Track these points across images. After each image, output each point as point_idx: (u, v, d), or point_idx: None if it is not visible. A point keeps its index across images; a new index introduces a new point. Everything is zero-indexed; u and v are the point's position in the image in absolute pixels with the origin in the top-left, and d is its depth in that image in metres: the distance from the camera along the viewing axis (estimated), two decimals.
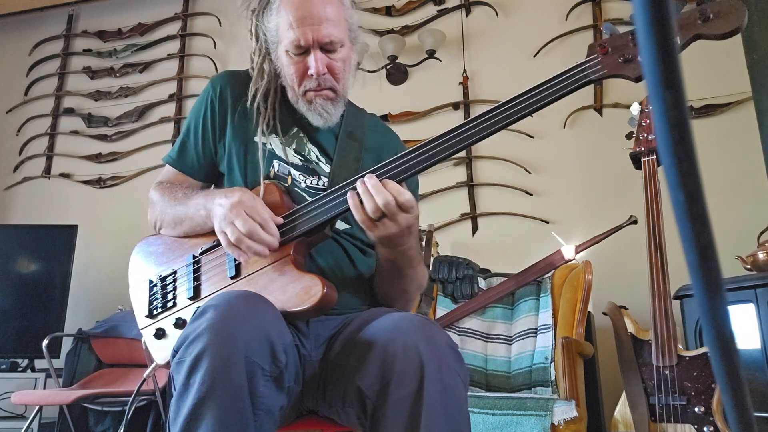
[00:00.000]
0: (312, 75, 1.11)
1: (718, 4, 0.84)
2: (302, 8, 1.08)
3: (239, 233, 0.99)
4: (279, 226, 1.04)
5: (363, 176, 1.00)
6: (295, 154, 1.18)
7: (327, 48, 1.11)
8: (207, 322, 0.82)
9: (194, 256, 1.12)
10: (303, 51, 1.10)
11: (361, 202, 0.98)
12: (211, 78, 1.26)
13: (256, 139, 1.16)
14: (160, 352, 1.09)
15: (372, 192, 0.96)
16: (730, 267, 2.37)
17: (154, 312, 1.12)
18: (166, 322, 1.10)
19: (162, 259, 1.17)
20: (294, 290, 0.99)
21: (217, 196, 1.06)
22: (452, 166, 3.31)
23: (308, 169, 1.17)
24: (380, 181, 0.98)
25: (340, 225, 1.15)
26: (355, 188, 1.00)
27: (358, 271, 1.16)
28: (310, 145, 1.20)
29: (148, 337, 1.12)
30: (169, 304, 1.11)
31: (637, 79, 0.89)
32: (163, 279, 1.14)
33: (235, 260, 1.07)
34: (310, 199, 1.11)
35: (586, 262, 2.20)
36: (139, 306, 1.16)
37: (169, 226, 1.16)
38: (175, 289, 1.12)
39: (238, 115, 1.19)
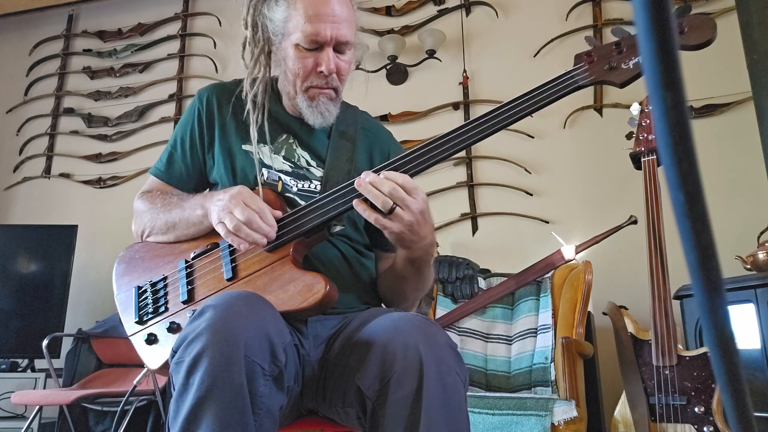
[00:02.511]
0: (322, 72, 1.11)
1: (692, 18, 0.91)
2: (323, 5, 1.08)
3: (238, 221, 0.99)
4: (279, 225, 1.04)
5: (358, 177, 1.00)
6: (285, 161, 1.18)
7: (340, 48, 1.11)
8: (206, 322, 0.82)
9: (186, 261, 1.12)
10: (316, 47, 1.10)
11: (367, 202, 0.97)
12: (198, 90, 1.26)
13: (245, 147, 1.17)
14: (153, 357, 1.08)
15: (375, 185, 0.96)
16: (730, 267, 2.37)
17: (145, 318, 1.11)
18: (158, 327, 1.09)
19: (150, 266, 1.16)
20: (296, 288, 0.99)
21: (217, 193, 1.07)
22: (452, 166, 3.31)
23: (299, 174, 1.17)
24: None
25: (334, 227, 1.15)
26: (357, 192, 0.99)
27: (355, 271, 1.16)
28: (300, 151, 1.20)
29: (138, 343, 1.11)
30: (161, 309, 1.10)
31: (622, 85, 0.95)
32: (153, 285, 1.13)
33: (232, 262, 1.07)
34: (302, 202, 1.11)
35: (586, 262, 2.20)
36: (127, 313, 1.15)
37: (160, 231, 1.16)
38: (166, 294, 1.11)
39: (225, 124, 1.19)
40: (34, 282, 3.43)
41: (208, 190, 1.24)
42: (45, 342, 2.69)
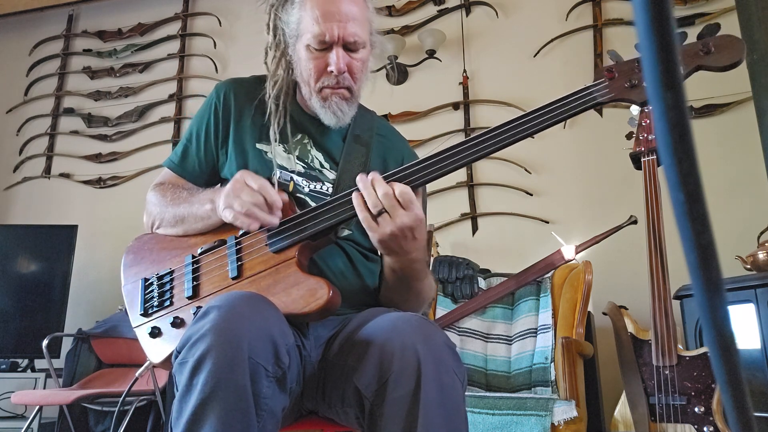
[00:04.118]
0: (332, 72, 1.10)
1: (720, 38, 0.89)
2: (331, 4, 1.08)
3: (248, 203, 1.00)
4: (284, 227, 1.04)
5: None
6: (298, 161, 1.17)
7: (350, 47, 1.11)
8: (210, 323, 0.82)
9: (193, 256, 1.12)
10: (326, 47, 1.10)
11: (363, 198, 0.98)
12: (216, 84, 1.25)
13: (259, 145, 1.17)
14: (155, 350, 1.09)
15: (374, 185, 0.97)
16: (730, 267, 2.37)
17: (150, 311, 1.12)
18: (162, 320, 1.10)
19: (157, 258, 1.17)
20: (299, 292, 0.99)
21: (226, 188, 1.07)
22: None
23: (311, 176, 1.17)
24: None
25: (341, 231, 1.15)
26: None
27: (359, 274, 1.16)
28: (314, 152, 1.19)
29: (142, 335, 1.11)
30: (166, 303, 1.10)
31: (643, 104, 0.94)
32: (159, 278, 1.14)
33: (238, 261, 1.07)
34: (313, 203, 1.11)
35: (586, 262, 2.20)
36: (133, 304, 1.15)
37: (169, 224, 1.16)
38: (172, 288, 1.11)
39: (241, 121, 1.19)
40: (34, 282, 3.43)
41: (219, 185, 1.24)
42: (45, 342, 2.69)
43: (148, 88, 4.12)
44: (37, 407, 2.63)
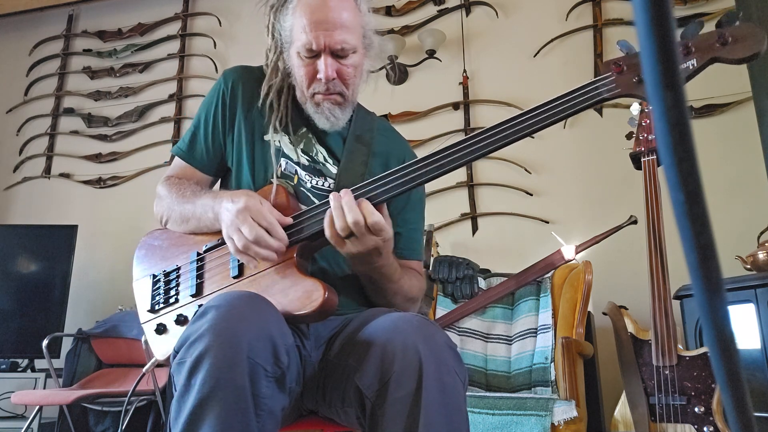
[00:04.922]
0: (321, 79, 1.11)
1: (737, 28, 0.83)
2: (318, 12, 1.08)
3: (246, 240, 0.98)
4: (286, 228, 1.04)
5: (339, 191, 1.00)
6: (303, 154, 1.18)
7: (338, 54, 1.11)
8: (209, 323, 0.82)
9: (198, 254, 1.12)
10: (314, 54, 1.11)
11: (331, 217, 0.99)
12: (224, 71, 1.25)
13: (266, 137, 1.17)
14: (161, 347, 1.10)
15: (344, 209, 0.97)
16: (730, 267, 2.37)
17: (156, 307, 1.13)
18: (168, 317, 1.11)
19: (166, 255, 1.18)
20: (295, 294, 0.99)
21: (224, 199, 1.06)
22: None
23: (315, 169, 1.18)
24: (356, 199, 0.98)
25: None
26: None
27: None
28: (318, 146, 1.20)
29: (149, 331, 1.12)
30: (171, 300, 1.11)
31: None
32: (166, 274, 1.15)
33: (239, 260, 1.07)
34: (315, 200, 1.11)
35: (586, 262, 2.20)
36: (142, 300, 1.16)
37: (176, 222, 1.17)
38: (177, 285, 1.12)
39: (248, 111, 1.19)
40: (34, 282, 3.43)
41: (219, 183, 1.25)
42: (45, 342, 2.69)
43: (148, 88, 4.11)
44: (37, 407, 2.63)
